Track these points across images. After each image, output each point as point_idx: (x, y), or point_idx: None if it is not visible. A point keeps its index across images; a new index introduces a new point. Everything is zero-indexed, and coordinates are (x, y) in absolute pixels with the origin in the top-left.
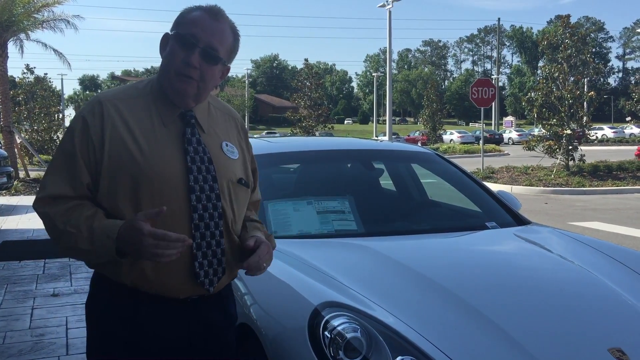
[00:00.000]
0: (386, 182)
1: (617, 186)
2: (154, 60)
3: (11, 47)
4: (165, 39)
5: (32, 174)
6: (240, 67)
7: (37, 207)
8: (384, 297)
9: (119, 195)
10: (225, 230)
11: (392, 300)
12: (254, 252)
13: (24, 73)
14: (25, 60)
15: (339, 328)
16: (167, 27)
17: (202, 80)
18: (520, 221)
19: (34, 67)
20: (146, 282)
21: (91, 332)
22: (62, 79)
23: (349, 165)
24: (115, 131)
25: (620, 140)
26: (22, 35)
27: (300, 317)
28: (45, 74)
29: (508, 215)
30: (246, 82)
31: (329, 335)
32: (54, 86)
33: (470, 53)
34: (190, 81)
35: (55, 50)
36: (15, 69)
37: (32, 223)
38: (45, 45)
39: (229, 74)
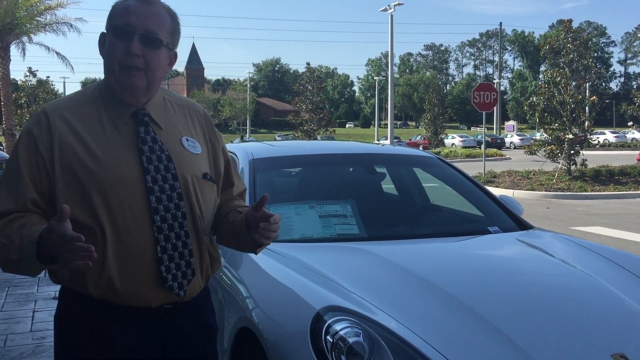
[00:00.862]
0: (388, 186)
1: (619, 191)
2: None
3: (13, 50)
4: (102, 37)
5: None
6: (242, 70)
7: None
8: (386, 302)
9: (77, 205)
10: (191, 229)
11: (395, 304)
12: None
13: (27, 76)
14: (27, 63)
15: (341, 332)
16: None
17: (148, 69)
18: (523, 226)
19: (36, 70)
20: (114, 293)
21: (60, 346)
22: (64, 82)
23: (350, 169)
24: (63, 141)
25: (622, 145)
26: (25, 38)
27: (302, 321)
28: (47, 76)
29: (510, 220)
30: (248, 85)
31: (331, 340)
32: (56, 89)
33: (472, 57)
34: (137, 72)
35: (57, 53)
36: (17, 71)
37: None
38: (48, 48)
39: (231, 77)
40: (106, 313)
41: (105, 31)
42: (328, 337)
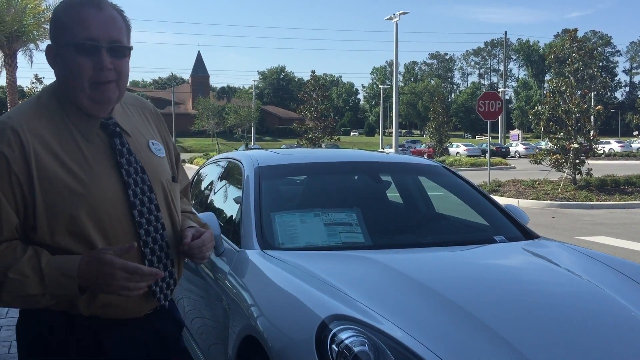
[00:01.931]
0: (393, 194)
1: (625, 201)
2: (161, 71)
3: (21, 57)
4: (53, 52)
5: None
6: (247, 78)
7: None
8: (391, 311)
9: (62, 228)
10: (170, 237)
11: (400, 313)
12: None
13: (33, 83)
14: (34, 70)
15: (346, 341)
16: (175, 38)
17: (119, 79)
18: (529, 235)
19: (43, 77)
20: (109, 310)
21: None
22: None
23: (355, 177)
24: (41, 161)
25: (627, 155)
26: (32, 46)
27: (307, 329)
28: None
29: (516, 229)
30: (253, 93)
31: (336, 349)
32: None
33: (477, 66)
34: (109, 85)
35: None
36: (24, 79)
37: None
38: None
39: (236, 85)
40: (92, 326)
41: (54, 44)
42: (333, 346)
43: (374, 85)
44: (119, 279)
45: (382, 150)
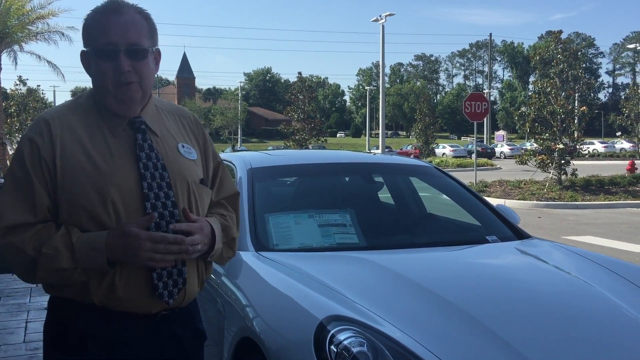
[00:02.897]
0: (384, 195)
1: (609, 200)
2: None
3: (5, 59)
4: (85, 57)
5: None
6: (233, 79)
7: None
8: (389, 311)
9: (80, 212)
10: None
11: (398, 314)
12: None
13: (17, 85)
14: (18, 71)
15: (345, 342)
16: (160, 40)
17: (141, 79)
18: (521, 235)
19: (27, 79)
20: (115, 300)
21: (53, 355)
22: (54, 91)
23: (347, 178)
24: (66, 148)
25: (611, 155)
26: (16, 47)
27: (305, 330)
28: (38, 85)
29: (508, 229)
30: (239, 95)
31: (335, 350)
32: (46, 98)
33: (462, 68)
34: (131, 86)
35: (49, 62)
36: (9, 80)
37: None
38: (39, 57)
39: (222, 87)
40: (106, 320)
41: (84, 50)
42: (332, 347)
43: (360, 87)
44: (146, 249)
45: (368, 151)
